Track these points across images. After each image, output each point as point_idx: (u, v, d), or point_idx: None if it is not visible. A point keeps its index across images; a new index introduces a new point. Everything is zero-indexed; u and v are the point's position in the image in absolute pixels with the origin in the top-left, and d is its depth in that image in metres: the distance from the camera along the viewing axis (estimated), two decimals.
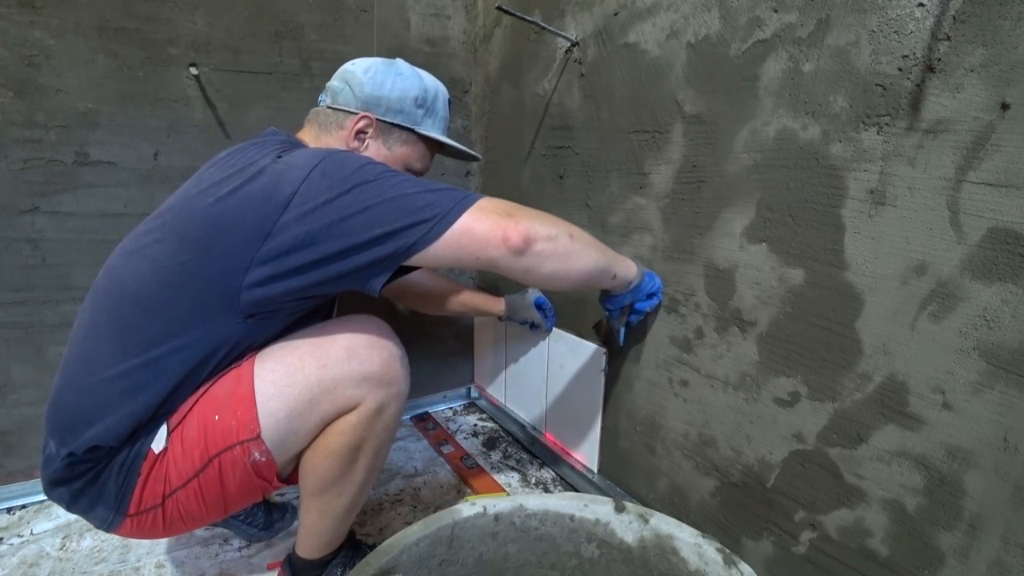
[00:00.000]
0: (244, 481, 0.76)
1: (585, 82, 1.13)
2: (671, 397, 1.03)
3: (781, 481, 0.84)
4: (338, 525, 0.86)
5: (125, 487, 0.73)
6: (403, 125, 0.88)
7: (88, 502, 0.74)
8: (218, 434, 0.73)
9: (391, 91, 0.86)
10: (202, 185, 0.74)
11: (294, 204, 0.67)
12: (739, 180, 0.84)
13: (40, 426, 0.79)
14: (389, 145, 0.89)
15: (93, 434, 0.70)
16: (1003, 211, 0.57)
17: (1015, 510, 0.59)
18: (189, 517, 0.77)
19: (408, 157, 0.91)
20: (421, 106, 0.89)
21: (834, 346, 0.74)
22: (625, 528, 0.77)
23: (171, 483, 0.74)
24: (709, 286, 0.92)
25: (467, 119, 1.59)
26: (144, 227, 0.77)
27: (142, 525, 0.75)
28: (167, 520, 0.76)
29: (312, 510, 0.84)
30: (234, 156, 0.77)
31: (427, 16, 1.47)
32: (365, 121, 0.86)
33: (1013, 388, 0.58)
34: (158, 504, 0.74)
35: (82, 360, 0.73)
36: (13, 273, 1.13)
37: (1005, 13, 0.55)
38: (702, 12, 0.87)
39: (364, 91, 0.86)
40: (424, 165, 0.94)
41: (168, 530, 0.78)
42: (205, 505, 0.76)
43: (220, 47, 1.21)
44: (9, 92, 1.06)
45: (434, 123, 0.92)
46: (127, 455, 0.73)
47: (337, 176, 0.68)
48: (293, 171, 0.69)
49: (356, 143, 0.87)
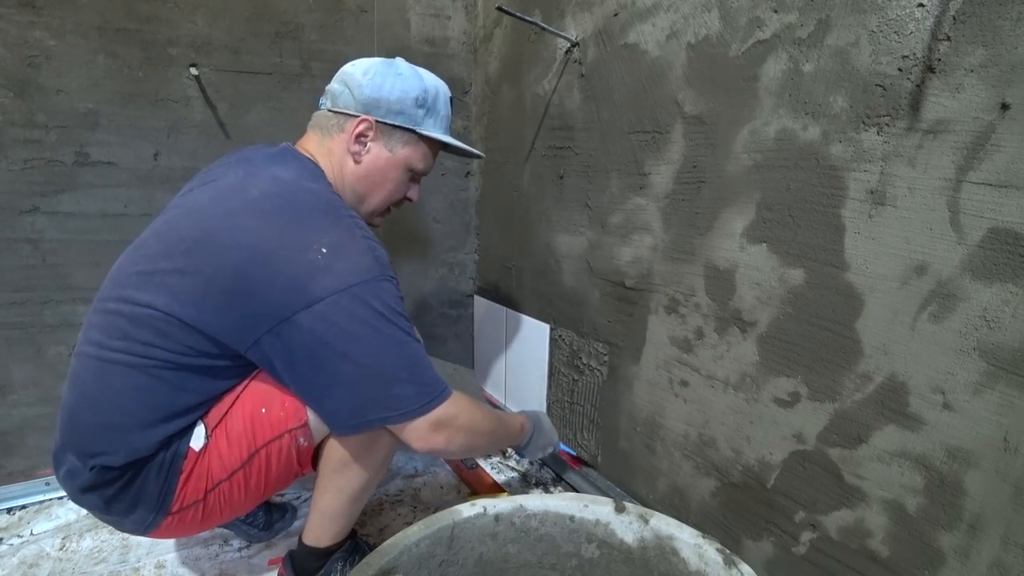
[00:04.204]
0: (286, 468, 0.82)
1: (585, 82, 1.13)
2: (671, 397, 1.03)
3: (781, 481, 0.84)
4: (351, 507, 0.89)
5: (167, 487, 0.76)
6: (404, 126, 0.88)
7: (126, 506, 0.75)
8: (266, 426, 0.79)
9: (391, 92, 0.86)
10: (227, 211, 0.74)
11: (315, 309, 0.71)
12: (739, 180, 0.84)
13: (40, 426, 0.79)
14: (391, 147, 0.88)
15: (126, 449, 0.72)
16: (1003, 211, 0.57)
17: (1015, 510, 0.59)
18: (228, 508, 0.81)
19: (410, 158, 0.90)
20: (422, 106, 0.88)
21: (834, 346, 0.74)
22: (625, 528, 0.77)
23: (214, 477, 0.78)
24: (709, 286, 0.92)
25: (467, 119, 1.59)
26: (158, 245, 0.76)
27: (182, 521, 0.79)
28: (206, 513, 0.79)
29: (330, 489, 0.86)
30: (255, 176, 0.77)
31: (427, 16, 1.47)
32: (365, 124, 0.85)
33: (1013, 388, 0.58)
34: (200, 499, 0.78)
35: (96, 374, 0.74)
36: (13, 273, 1.13)
37: (1005, 13, 0.55)
38: (702, 13, 0.87)
39: (363, 93, 0.85)
40: (427, 165, 0.94)
41: (204, 523, 0.82)
42: (246, 494, 0.81)
43: (220, 47, 1.22)
44: (9, 92, 1.06)
45: (436, 122, 0.91)
46: (164, 457, 0.75)
47: (358, 314, 0.72)
48: (328, 277, 0.71)
49: (357, 147, 0.87)
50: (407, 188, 0.94)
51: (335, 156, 0.87)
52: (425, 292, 1.64)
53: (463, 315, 1.73)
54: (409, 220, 1.56)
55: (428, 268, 1.63)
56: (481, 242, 1.65)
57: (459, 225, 1.65)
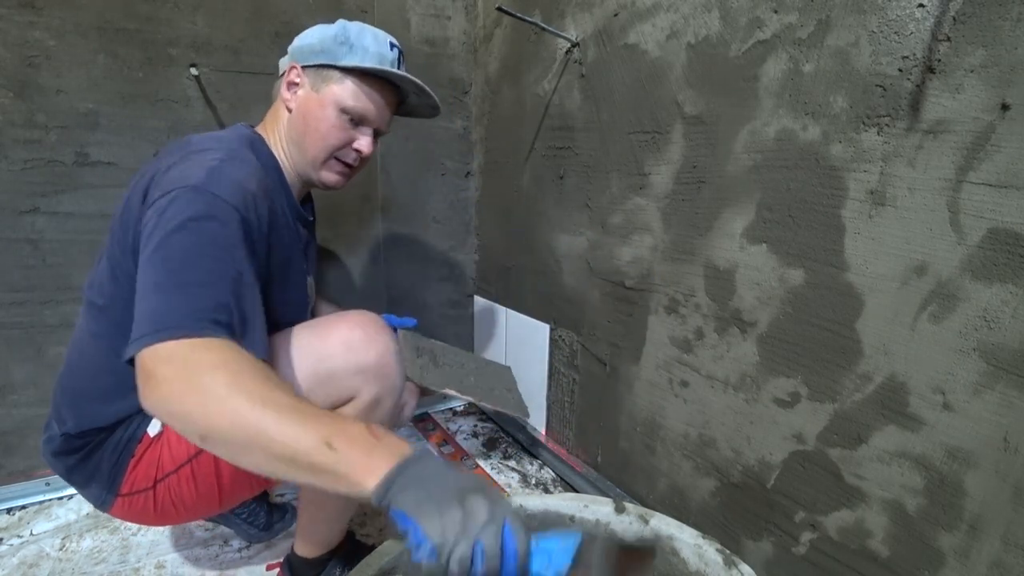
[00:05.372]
0: (240, 475, 0.76)
1: (585, 83, 1.13)
2: (671, 398, 1.03)
3: (781, 482, 0.84)
4: (334, 519, 0.88)
5: (118, 467, 0.76)
6: (325, 64, 0.83)
7: (83, 478, 0.77)
8: None
9: (311, 37, 0.85)
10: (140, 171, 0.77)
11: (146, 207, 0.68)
12: (739, 181, 0.84)
13: (40, 426, 0.80)
14: (316, 87, 0.84)
15: (84, 417, 0.74)
16: (1003, 211, 0.57)
17: (1015, 510, 0.59)
18: (182, 505, 0.78)
19: (338, 95, 0.84)
20: (343, 43, 0.84)
21: (834, 347, 0.74)
22: (625, 529, 0.77)
23: (164, 467, 0.76)
24: (709, 287, 0.92)
25: (467, 120, 1.59)
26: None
27: (133, 507, 0.78)
28: (158, 505, 0.77)
29: (311, 503, 0.86)
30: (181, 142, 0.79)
31: (427, 17, 1.47)
32: (294, 72, 0.84)
33: (1013, 388, 0.58)
34: (149, 487, 0.76)
35: (73, 342, 0.79)
36: (13, 273, 1.13)
37: (1005, 14, 0.55)
38: (702, 13, 0.87)
39: (292, 46, 0.87)
40: (359, 103, 0.85)
41: (161, 517, 0.79)
42: (198, 493, 0.77)
43: (220, 48, 1.21)
44: (9, 92, 1.06)
45: (362, 57, 0.84)
46: (121, 436, 0.76)
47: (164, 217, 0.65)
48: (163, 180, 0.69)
49: (288, 94, 0.85)
50: (346, 134, 0.86)
51: (278, 116, 0.87)
52: (425, 292, 1.64)
53: (463, 315, 1.73)
54: (409, 220, 1.56)
55: (428, 268, 1.63)
56: (481, 242, 1.65)
57: (459, 225, 1.64)
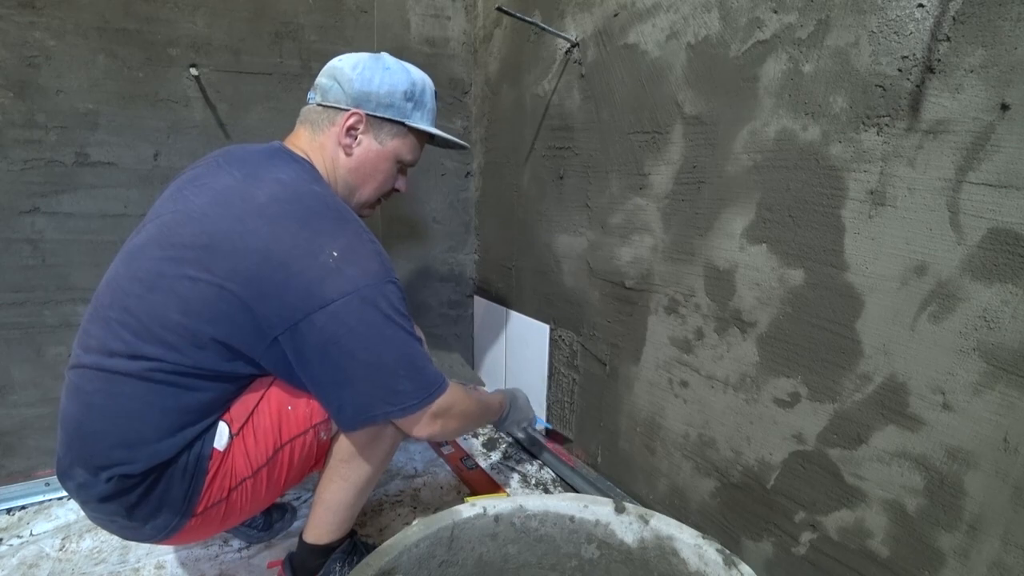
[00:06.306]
0: (306, 462, 0.86)
1: (585, 83, 1.13)
2: (671, 398, 1.03)
3: (781, 482, 0.84)
4: (356, 499, 0.90)
5: (193, 488, 0.77)
6: (393, 119, 0.90)
7: (150, 510, 0.76)
8: (292, 422, 0.82)
9: (380, 86, 0.88)
10: (236, 216, 0.74)
11: (328, 310, 0.73)
12: (739, 181, 0.84)
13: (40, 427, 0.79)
14: (380, 139, 0.91)
15: (146, 457, 0.73)
16: (1003, 211, 0.57)
17: (1015, 511, 0.59)
18: (249, 504, 0.83)
19: (399, 149, 0.93)
20: (410, 100, 0.91)
21: (834, 347, 0.74)
22: (625, 529, 0.77)
23: (238, 475, 0.80)
24: (709, 287, 0.92)
25: (467, 120, 1.59)
26: (160, 251, 0.75)
27: (205, 521, 0.80)
28: (228, 511, 0.81)
29: (335, 479, 0.88)
30: (257, 179, 0.78)
31: (427, 17, 1.47)
32: (356, 118, 0.87)
33: (1013, 388, 0.58)
34: (224, 498, 0.79)
35: (103, 386, 0.73)
36: (13, 273, 1.13)
37: (1005, 14, 0.55)
38: (702, 13, 0.87)
39: (354, 87, 0.87)
40: (415, 156, 0.97)
41: (224, 523, 0.83)
42: (267, 490, 0.84)
43: (220, 48, 1.22)
44: (9, 93, 1.06)
45: (423, 115, 0.94)
46: (187, 459, 0.76)
47: (366, 315, 0.75)
48: (340, 280, 0.74)
49: (348, 140, 0.89)
50: (396, 179, 0.97)
51: (327, 150, 0.89)
52: (425, 292, 1.64)
53: (463, 315, 1.73)
54: (409, 220, 1.56)
55: (428, 268, 1.63)
56: (481, 242, 1.65)
57: (459, 225, 1.65)
